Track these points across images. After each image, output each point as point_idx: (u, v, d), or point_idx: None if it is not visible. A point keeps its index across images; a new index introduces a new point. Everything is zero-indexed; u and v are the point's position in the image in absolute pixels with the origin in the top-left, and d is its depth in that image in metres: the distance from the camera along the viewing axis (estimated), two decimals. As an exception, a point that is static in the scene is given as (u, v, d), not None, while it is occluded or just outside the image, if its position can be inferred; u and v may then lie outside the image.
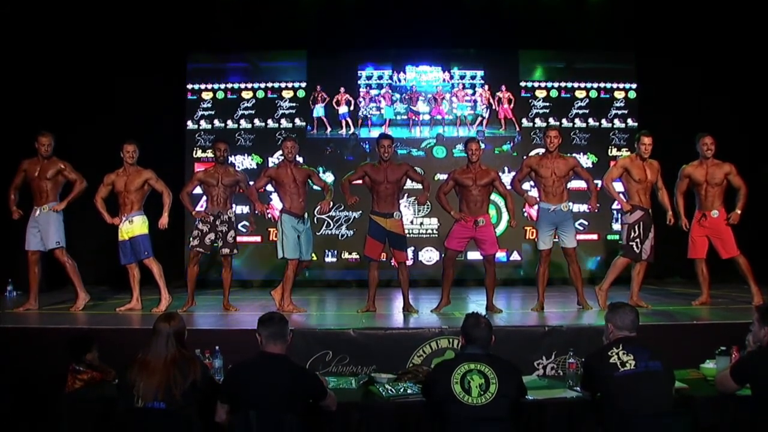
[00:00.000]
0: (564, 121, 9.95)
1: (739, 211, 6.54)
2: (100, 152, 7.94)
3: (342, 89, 9.94)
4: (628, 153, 8.25)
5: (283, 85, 10.02)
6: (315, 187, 6.89)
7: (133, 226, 6.57)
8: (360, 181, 6.66)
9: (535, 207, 6.75)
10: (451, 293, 6.56)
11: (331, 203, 6.82)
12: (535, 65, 10.11)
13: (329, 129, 9.97)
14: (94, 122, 8.94)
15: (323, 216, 9.55)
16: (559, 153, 6.59)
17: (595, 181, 6.82)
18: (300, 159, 7.00)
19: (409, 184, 6.90)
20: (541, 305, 6.44)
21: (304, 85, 10.00)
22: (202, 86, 9.96)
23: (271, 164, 9.50)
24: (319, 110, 9.96)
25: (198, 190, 7.06)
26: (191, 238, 6.73)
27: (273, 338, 3.65)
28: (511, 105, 9.96)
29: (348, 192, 6.54)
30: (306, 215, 6.62)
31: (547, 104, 10.01)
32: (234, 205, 6.92)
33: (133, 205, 6.59)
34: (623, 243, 6.53)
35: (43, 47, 8.66)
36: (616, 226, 9.42)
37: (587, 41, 9.85)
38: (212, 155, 7.09)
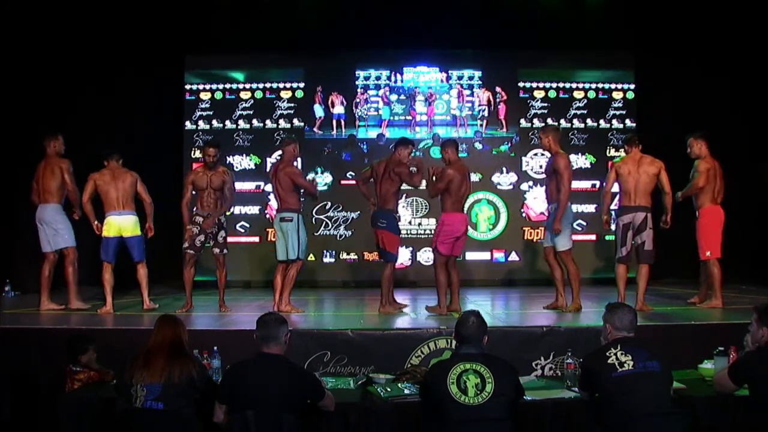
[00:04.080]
0: (562, 121, 9.97)
1: None
2: (97, 152, 7.94)
3: (335, 91, 9.95)
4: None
5: (281, 85, 10.03)
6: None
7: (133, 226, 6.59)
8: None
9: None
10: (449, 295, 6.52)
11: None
12: (533, 65, 10.11)
13: (334, 130, 9.97)
14: (92, 122, 8.92)
15: (321, 216, 9.57)
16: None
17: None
18: (298, 160, 6.99)
19: (407, 186, 6.87)
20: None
21: (302, 85, 10.01)
22: (201, 87, 9.97)
23: (269, 165, 9.53)
24: (319, 110, 9.97)
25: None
26: (183, 241, 6.73)
27: (269, 339, 3.65)
28: (504, 100, 9.97)
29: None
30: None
31: (546, 105, 10.03)
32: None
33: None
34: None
35: (42, 47, 8.65)
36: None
37: (586, 42, 9.86)
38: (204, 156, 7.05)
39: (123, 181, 6.59)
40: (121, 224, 6.58)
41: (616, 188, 6.59)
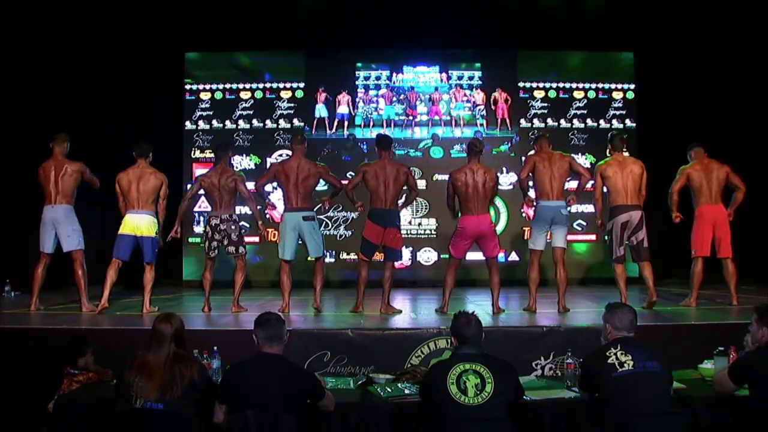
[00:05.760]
0: (562, 121, 9.97)
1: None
2: (98, 152, 7.95)
3: (345, 90, 9.96)
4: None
5: (281, 85, 10.03)
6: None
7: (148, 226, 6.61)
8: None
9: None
10: (452, 293, 6.54)
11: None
12: (533, 66, 10.11)
13: (333, 130, 9.96)
14: (92, 122, 8.92)
15: (321, 216, 9.57)
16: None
17: (593, 182, 6.78)
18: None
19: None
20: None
21: (302, 85, 10.01)
22: (201, 86, 9.97)
23: (269, 165, 9.51)
24: (321, 110, 9.97)
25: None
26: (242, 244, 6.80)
27: (269, 340, 3.65)
28: (508, 104, 9.98)
29: None
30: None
31: (546, 105, 10.03)
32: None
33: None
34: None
35: (42, 47, 8.65)
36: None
37: (585, 42, 9.87)
38: (214, 156, 7.05)
39: (146, 182, 6.58)
40: (137, 223, 6.56)
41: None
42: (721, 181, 6.60)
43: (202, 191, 6.85)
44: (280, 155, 9.74)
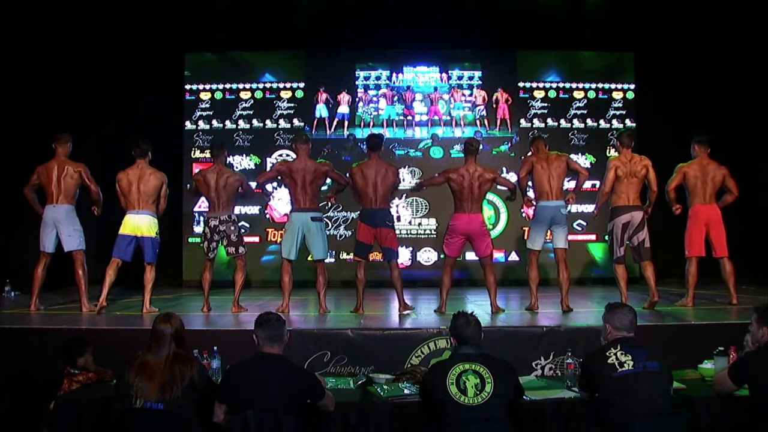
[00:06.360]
0: (562, 121, 9.97)
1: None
2: (99, 152, 7.94)
3: (345, 90, 9.96)
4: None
5: (281, 85, 10.03)
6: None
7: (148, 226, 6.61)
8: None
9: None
10: (450, 293, 6.55)
11: None
12: (533, 66, 10.11)
13: (333, 130, 9.96)
14: (92, 122, 8.92)
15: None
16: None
17: (593, 182, 6.79)
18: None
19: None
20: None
21: (302, 85, 10.01)
22: (201, 86, 9.97)
23: (269, 165, 9.52)
24: (321, 110, 9.97)
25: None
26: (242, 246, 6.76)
27: (270, 340, 3.65)
28: (509, 104, 9.99)
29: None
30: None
31: (546, 105, 10.03)
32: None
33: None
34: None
35: (41, 47, 8.64)
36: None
37: (585, 42, 9.87)
38: (212, 155, 7.03)
39: (146, 183, 6.58)
40: (137, 223, 6.56)
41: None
42: (717, 183, 6.62)
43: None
44: (280, 155, 9.74)
